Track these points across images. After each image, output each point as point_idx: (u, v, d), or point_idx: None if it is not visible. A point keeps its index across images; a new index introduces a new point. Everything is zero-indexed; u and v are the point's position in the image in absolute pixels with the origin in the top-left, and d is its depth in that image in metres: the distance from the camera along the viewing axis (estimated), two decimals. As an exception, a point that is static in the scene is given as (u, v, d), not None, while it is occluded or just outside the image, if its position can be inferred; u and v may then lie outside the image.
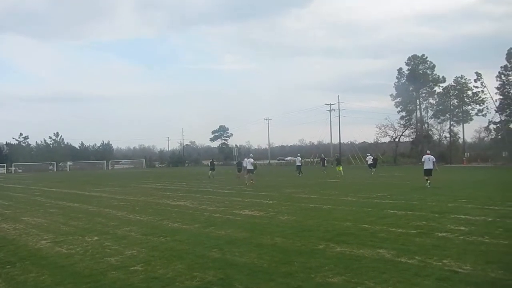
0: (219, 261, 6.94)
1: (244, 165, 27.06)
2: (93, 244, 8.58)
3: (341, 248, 7.55)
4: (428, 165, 20.38)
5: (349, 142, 79.09)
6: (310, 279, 5.82)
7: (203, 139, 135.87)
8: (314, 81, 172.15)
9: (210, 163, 36.66)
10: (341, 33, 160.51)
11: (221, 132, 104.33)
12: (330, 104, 72.02)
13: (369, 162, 38.43)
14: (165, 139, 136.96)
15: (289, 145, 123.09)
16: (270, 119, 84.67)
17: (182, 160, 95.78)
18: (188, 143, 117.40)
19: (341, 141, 72.82)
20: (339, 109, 70.40)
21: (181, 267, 6.58)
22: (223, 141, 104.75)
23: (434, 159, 20.95)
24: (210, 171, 34.05)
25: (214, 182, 29.03)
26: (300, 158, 36.75)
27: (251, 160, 25.93)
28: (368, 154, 41.67)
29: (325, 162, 43.02)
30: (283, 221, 11.01)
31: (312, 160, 71.42)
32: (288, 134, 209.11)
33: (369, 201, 14.93)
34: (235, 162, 45.94)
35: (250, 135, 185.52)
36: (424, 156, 21.20)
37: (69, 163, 79.27)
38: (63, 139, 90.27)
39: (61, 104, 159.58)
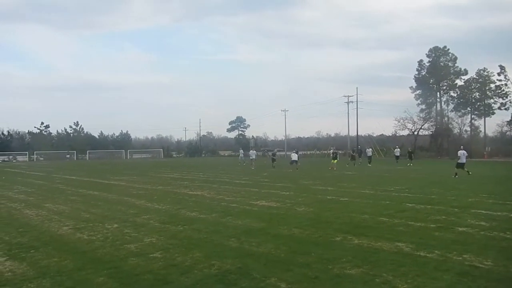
0: (236, 250, 7.00)
1: (293, 158, 32.03)
2: (113, 231, 8.74)
3: (359, 241, 7.52)
4: (463, 160, 22.49)
5: (367, 135, 78.28)
6: (328, 270, 5.82)
7: (220, 130, 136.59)
8: (331, 72, 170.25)
9: (273, 154, 38.91)
10: (359, 24, 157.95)
11: (238, 123, 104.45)
12: (348, 96, 71.13)
13: (396, 155, 41.02)
14: (183, 129, 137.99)
15: (306, 137, 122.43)
16: (287, 111, 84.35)
17: (199, 150, 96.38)
18: (205, 134, 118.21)
19: (358, 134, 72.23)
20: (357, 101, 69.54)
21: (199, 255, 6.66)
22: (240, 132, 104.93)
23: (467, 154, 23.35)
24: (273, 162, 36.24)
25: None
26: (371, 149, 41.63)
27: (295, 154, 32.36)
28: (397, 146, 43.77)
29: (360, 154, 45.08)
30: (300, 212, 11.01)
31: (328, 152, 71.05)
32: (305, 126, 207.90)
33: (387, 194, 14.79)
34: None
35: (267, 126, 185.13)
36: (459, 151, 23.24)
37: (88, 152, 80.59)
38: (83, 128, 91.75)
39: (81, 94, 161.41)
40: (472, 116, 63.64)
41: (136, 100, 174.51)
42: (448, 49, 64.29)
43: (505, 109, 60.00)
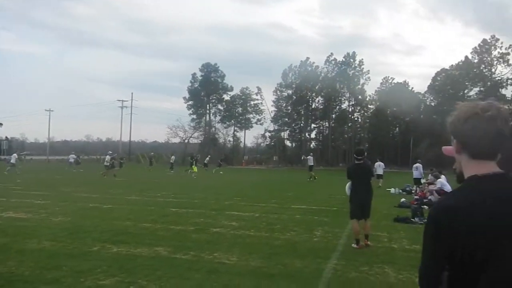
0: (-38, 273, 5.75)
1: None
2: None
3: (118, 249, 7.30)
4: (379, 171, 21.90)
5: (140, 141, 78.34)
6: (79, 283, 5.40)
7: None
8: (106, 74, 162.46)
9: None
10: (137, 29, 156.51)
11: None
12: (122, 100, 69.80)
13: (205, 162, 39.04)
14: None
15: (74, 140, 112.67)
16: (52, 111, 75.67)
17: None
18: None
19: (131, 139, 71.42)
20: (131, 106, 69.10)
21: None
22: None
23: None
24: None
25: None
26: (312, 158, 31.18)
27: (108, 156, 29.12)
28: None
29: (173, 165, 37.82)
30: (55, 222, 9.95)
31: (98, 157, 67.55)
32: (73, 129, 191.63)
33: (153, 200, 14.98)
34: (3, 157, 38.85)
35: (25, 126, 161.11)
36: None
37: None
38: None
39: None
40: (235, 128, 71.94)
41: None
42: (218, 67, 71.17)
43: (261, 124, 70.55)
